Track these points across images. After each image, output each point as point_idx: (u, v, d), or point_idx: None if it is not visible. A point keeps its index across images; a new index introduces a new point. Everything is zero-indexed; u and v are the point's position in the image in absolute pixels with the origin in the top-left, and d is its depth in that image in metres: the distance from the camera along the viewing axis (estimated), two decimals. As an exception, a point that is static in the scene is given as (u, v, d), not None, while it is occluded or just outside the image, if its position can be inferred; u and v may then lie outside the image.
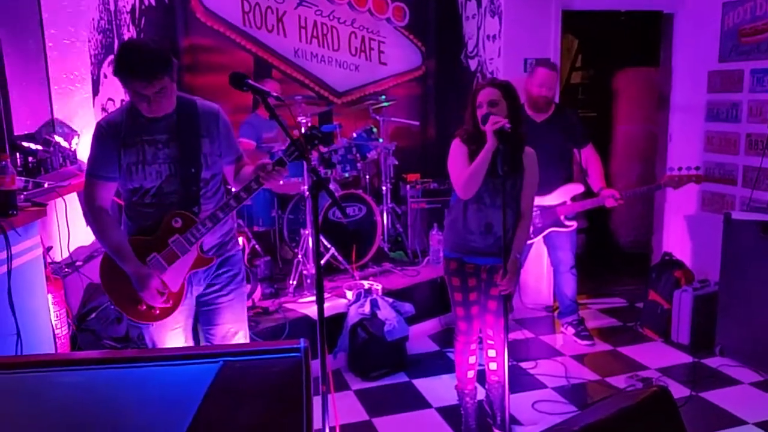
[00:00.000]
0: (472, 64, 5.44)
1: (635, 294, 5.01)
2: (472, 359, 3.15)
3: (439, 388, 3.64)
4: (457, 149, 2.96)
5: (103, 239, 2.36)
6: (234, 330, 2.60)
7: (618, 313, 4.79)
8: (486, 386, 3.25)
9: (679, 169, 3.96)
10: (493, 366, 3.13)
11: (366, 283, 4.26)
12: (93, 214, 2.36)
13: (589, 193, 4.08)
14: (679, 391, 3.48)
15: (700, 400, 3.44)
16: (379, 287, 4.21)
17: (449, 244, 3.06)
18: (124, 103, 4.47)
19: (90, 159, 2.36)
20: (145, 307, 2.41)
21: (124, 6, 4.51)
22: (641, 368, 3.85)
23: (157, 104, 2.29)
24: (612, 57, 6.21)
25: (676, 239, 5.04)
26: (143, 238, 2.39)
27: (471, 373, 3.17)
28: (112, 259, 2.36)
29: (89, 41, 3.89)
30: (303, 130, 3.07)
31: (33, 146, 3.39)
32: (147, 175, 2.33)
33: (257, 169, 2.38)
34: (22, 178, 3.00)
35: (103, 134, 2.32)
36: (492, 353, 3.11)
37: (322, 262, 4.40)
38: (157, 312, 2.42)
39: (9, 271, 2.37)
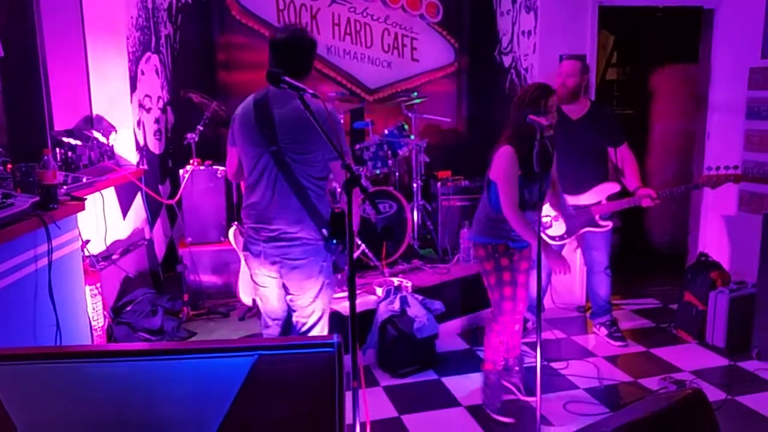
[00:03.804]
0: (506, 60, 5.40)
1: (669, 295, 4.92)
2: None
3: (468, 387, 3.63)
4: (511, 162, 3.03)
5: None
6: None
7: (651, 314, 4.72)
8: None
9: (717, 168, 3.87)
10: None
11: (396, 280, 4.27)
12: None
13: (624, 193, 4.02)
14: (714, 394, 3.41)
15: (735, 404, 3.37)
16: (409, 284, 4.21)
17: (493, 233, 3.17)
18: (161, 100, 4.54)
19: None
20: None
21: (162, 3, 4.58)
22: (675, 370, 3.79)
23: None
24: (649, 53, 6.10)
25: (713, 239, 4.94)
26: None
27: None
28: None
29: (128, 38, 3.95)
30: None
31: (72, 141, 3.47)
32: None
33: None
34: (62, 173, 3.07)
35: None
36: (516, 327, 3.32)
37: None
38: None
39: (49, 264, 2.42)
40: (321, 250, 2.70)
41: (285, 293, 2.81)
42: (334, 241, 2.68)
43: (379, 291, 4.10)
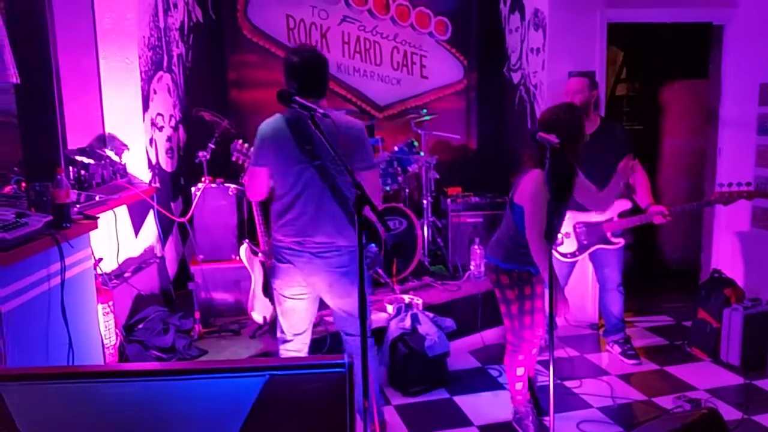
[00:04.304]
0: (515, 77, 5.42)
1: (683, 312, 4.88)
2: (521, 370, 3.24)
3: (480, 406, 3.60)
4: (541, 186, 2.90)
5: None
6: None
7: (665, 332, 4.67)
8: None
9: (729, 185, 3.84)
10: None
11: (407, 298, 4.25)
12: None
13: (636, 210, 4.00)
14: (729, 413, 3.36)
15: (752, 423, 3.32)
16: (420, 302, 4.20)
17: (519, 259, 3.07)
18: (173, 118, 4.58)
19: None
20: None
21: (174, 23, 4.63)
22: (689, 389, 3.75)
23: None
24: (658, 69, 6.10)
25: (726, 256, 4.90)
26: None
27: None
28: None
29: (140, 58, 4.00)
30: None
31: (85, 160, 3.50)
32: None
33: None
34: (75, 191, 3.09)
35: None
36: (534, 351, 3.26)
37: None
38: None
39: (62, 282, 2.44)
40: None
41: (332, 301, 2.94)
42: (372, 245, 2.90)
43: (390, 308, 4.09)
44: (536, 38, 4.94)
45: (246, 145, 3.29)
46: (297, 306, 2.93)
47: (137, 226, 4.01)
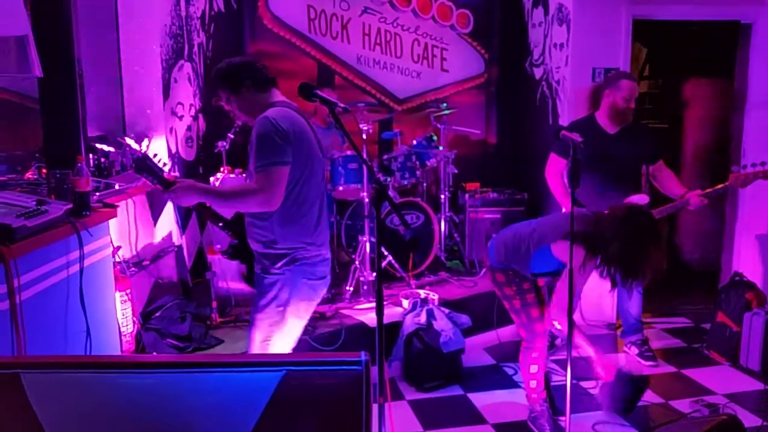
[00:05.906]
0: (537, 73, 5.36)
1: (702, 314, 4.81)
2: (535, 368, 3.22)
3: (495, 404, 3.58)
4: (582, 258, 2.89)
5: None
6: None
7: (683, 334, 4.61)
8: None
9: (744, 167, 3.74)
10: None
11: (422, 293, 4.23)
12: None
13: (660, 201, 3.92)
14: (749, 420, 3.31)
15: (772, 430, 3.28)
16: (436, 297, 4.18)
17: (510, 261, 3.11)
18: (192, 108, 4.59)
19: None
20: None
21: (195, 12, 4.63)
22: (707, 393, 3.69)
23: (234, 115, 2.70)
24: (682, 67, 6.00)
25: (748, 259, 4.82)
26: None
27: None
28: None
29: (161, 46, 4.00)
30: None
31: (105, 148, 3.51)
32: None
33: None
34: (95, 179, 3.10)
35: None
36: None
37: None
38: None
39: (81, 270, 2.44)
40: None
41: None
42: None
43: (406, 303, 4.08)
44: (560, 33, 4.88)
45: (159, 157, 2.81)
46: (303, 324, 2.67)
47: (156, 215, 4.03)
